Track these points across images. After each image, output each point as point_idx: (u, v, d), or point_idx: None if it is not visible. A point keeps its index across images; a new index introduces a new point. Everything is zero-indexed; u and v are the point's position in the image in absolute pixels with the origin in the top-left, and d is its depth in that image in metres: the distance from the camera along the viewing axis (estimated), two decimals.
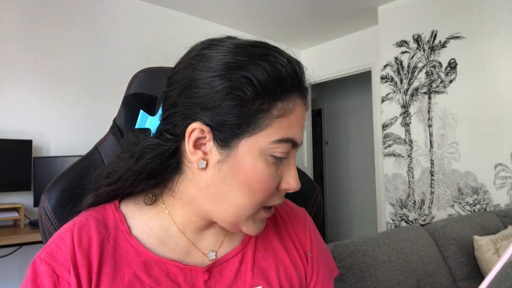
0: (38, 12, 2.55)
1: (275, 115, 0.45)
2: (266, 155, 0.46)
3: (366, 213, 4.45)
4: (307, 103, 0.51)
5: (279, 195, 0.50)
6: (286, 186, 0.49)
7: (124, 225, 0.52)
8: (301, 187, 0.75)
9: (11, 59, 2.44)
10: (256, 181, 0.47)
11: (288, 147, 0.47)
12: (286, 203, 0.64)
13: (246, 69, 0.44)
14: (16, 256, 2.32)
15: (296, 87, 0.47)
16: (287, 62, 0.46)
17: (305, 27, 3.61)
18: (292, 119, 0.47)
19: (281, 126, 0.46)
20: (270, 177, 0.47)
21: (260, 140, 0.46)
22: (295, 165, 0.50)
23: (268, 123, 0.45)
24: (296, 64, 0.48)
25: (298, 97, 0.48)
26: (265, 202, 0.49)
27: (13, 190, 2.34)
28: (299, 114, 0.48)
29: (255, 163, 0.46)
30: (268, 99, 0.45)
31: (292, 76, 0.46)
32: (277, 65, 0.45)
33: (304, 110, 0.49)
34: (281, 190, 0.50)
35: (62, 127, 2.61)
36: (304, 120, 0.49)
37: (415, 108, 2.88)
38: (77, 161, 0.67)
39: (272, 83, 0.44)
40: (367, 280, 1.23)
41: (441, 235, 1.63)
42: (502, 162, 2.42)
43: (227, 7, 3.16)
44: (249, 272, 0.53)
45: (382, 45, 3.11)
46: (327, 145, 5.11)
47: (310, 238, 0.59)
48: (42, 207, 0.62)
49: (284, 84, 0.45)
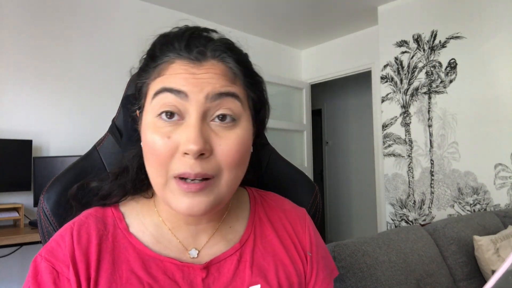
0: (38, 12, 2.55)
1: (151, 79, 0.49)
2: (152, 117, 0.47)
3: (366, 213, 4.46)
4: (204, 55, 0.48)
5: (184, 162, 0.45)
6: (183, 147, 0.44)
7: (123, 223, 0.53)
8: (299, 187, 0.76)
9: (11, 59, 2.44)
10: (148, 148, 0.47)
11: (169, 97, 0.46)
12: (285, 201, 0.63)
13: (145, 55, 0.52)
14: (16, 256, 2.32)
15: (175, 50, 0.48)
16: (174, 36, 0.50)
17: (305, 27, 3.61)
18: (168, 74, 0.47)
19: (157, 84, 0.48)
20: (157, 138, 0.46)
21: (146, 105, 0.49)
22: (195, 123, 0.45)
23: (148, 88, 0.49)
24: (186, 34, 0.49)
25: (174, 58, 0.48)
26: (166, 167, 0.46)
27: (13, 190, 2.34)
28: (177, 70, 0.47)
29: (146, 127, 0.48)
30: (146, 70, 0.50)
31: (165, 43, 0.49)
32: (155, 40, 0.51)
33: (186, 62, 0.47)
34: (182, 153, 0.45)
35: (62, 127, 2.61)
36: (194, 74, 0.46)
37: (415, 108, 2.88)
38: (76, 161, 0.67)
39: (148, 55, 0.51)
40: (367, 280, 1.23)
41: (441, 235, 1.63)
42: (502, 162, 2.42)
43: (227, 7, 3.16)
44: (248, 270, 0.52)
45: (382, 45, 3.11)
46: (327, 145, 5.11)
47: (310, 238, 0.59)
48: (41, 207, 0.62)
49: (156, 51, 0.50)
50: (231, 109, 0.47)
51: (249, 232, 0.56)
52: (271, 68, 3.91)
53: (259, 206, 0.60)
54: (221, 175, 0.47)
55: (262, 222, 0.58)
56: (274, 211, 0.60)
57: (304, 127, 4.05)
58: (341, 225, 4.84)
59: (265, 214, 0.60)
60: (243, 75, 0.50)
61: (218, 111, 0.47)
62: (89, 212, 0.53)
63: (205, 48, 0.48)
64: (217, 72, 0.47)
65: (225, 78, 0.48)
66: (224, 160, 0.47)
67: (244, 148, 0.49)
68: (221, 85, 0.47)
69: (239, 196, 0.60)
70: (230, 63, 0.49)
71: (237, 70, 0.50)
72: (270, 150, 0.77)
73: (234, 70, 0.49)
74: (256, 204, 0.60)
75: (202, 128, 0.45)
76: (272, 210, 0.60)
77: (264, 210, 0.60)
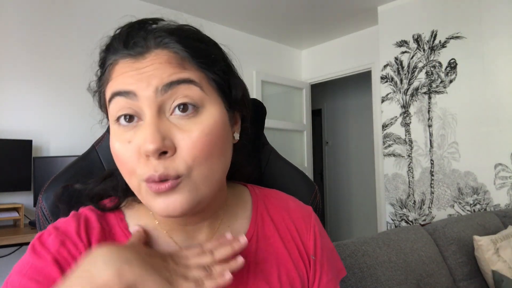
0: (39, 12, 2.55)
1: (104, 87, 0.47)
2: (112, 124, 0.46)
3: (366, 213, 4.46)
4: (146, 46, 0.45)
5: (147, 164, 0.42)
6: (141, 149, 0.42)
7: (124, 222, 0.52)
8: (299, 186, 0.74)
9: (11, 59, 2.44)
10: (113, 154, 0.46)
11: (121, 101, 0.43)
12: (290, 200, 0.60)
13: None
14: (16, 256, 2.32)
15: (116, 50, 0.46)
16: (118, 33, 0.47)
17: (305, 27, 3.61)
18: (114, 77, 0.45)
19: (108, 91, 0.46)
20: (119, 145, 0.44)
21: (109, 115, 0.47)
22: (150, 121, 0.42)
23: (105, 97, 0.47)
24: (124, 30, 0.47)
25: (119, 58, 0.45)
26: (133, 173, 0.43)
27: (13, 190, 2.34)
28: (121, 69, 0.44)
29: (111, 137, 0.46)
30: (98, 79, 0.49)
31: (107, 47, 0.47)
32: (101, 47, 0.49)
33: (128, 60, 0.44)
34: (145, 156, 0.42)
35: (62, 127, 2.61)
36: (140, 69, 0.43)
37: (415, 108, 2.88)
38: (75, 160, 0.67)
39: (99, 62, 0.49)
40: (367, 280, 1.23)
41: (441, 235, 1.63)
42: (502, 162, 2.42)
43: (227, 7, 3.16)
44: (250, 274, 0.51)
45: (382, 45, 3.11)
46: (327, 145, 5.11)
47: (315, 239, 0.56)
48: (40, 207, 0.62)
49: (101, 59, 0.48)
50: (188, 96, 0.43)
51: (252, 233, 0.54)
52: (271, 68, 3.91)
53: (262, 205, 0.58)
54: (191, 171, 0.43)
55: (265, 222, 0.56)
56: (277, 210, 0.58)
57: (304, 127, 4.05)
58: (341, 225, 4.84)
59: (268, 213, 0.57)
60: (192, 56, 0.45)
61: (175, 101, 0.43)
62: (91, 208, 0.52)
63: (145, 39, 0.45)
64: (162, 61, 0.43)
65: (172, 65, 0.43)
66: (191, 156, 0.42)
67: (214, 138, 0.44)
68: (168, 73, 0.43)
69: (238, 193, 0.58)
70: (174, 47, 0.44)
71: (184, 53, 0.44)
72: (269, 150, 0.76)
73: (180, 54, 0.44)
74: (259, 203, 0.58)
75: (159, 125, 0.42)
76: (275, 209, 0.58)
77: (266, 209, 0.57)
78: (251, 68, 3.65)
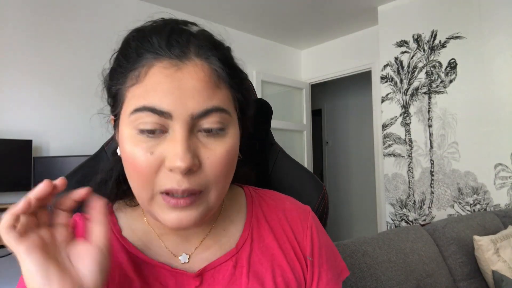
0: (39, 12, 2.55)
1: (128, 85, 0.43)
2: (131, 130, 0.43)
3: (366, 213, 4.46)
4: (188, 59, 0.43)
5: (170, 177, 0.42)
6: (169, 164, 0.41)
7: (117, 226, 0.52)
8: (306, 186, 0.73)
9: (11, 59, 2.44)
10: (127, 163, 0.44)
11: (152, 117, 0.41)
12: (287, 200, 0.59)
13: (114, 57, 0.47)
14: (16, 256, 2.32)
15: (153, 50, 0.42)
16: (151, 33, 0.44)
17: (305, 27, 3.61)
18: (148, 85, 0.42)
19: (135, 94, 0.42)
20: (137, 154, 0.42)
21: (123, 116, 0.44)
22: (181, 138, 0.41)
23: (125, 95, 0.44)
24: (163, 31, 0.44)
25: (153, 59, 0.42)
26: (150, 184, 0.43)
27: (13, 190, 2.34)
28: (158, 78, 0.42)
29: (125, 140, 0.44)
30: (120, 72, 0.44)
31: (142, 39, 0.44)
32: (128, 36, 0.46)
33: (167, 64, 0.42)
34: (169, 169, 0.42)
35: (62, 127, 2.61)
36: (177, 82, 0.41)
37: (415, 108, 2.88)
38: (85, 161, 0.67)
39: (125, 56, 0.44)
40: (367, 280, 1.23)
41: (441, 235, 1.63)
42: (502, 162, 2.42)
43: (227, 7, 3.16)
44: (244, 277, 0.50)
45: (382, 45, 3.11)
46: (327, 145, 5.12)
47: (312, 240, 0.55)
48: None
49: (132, 51, 0.44)
50: (218, 122, 0.44)
51: (246, 236, 0.53)
52: (271, 68, 3.91)
53: (257, 207, 0.57)
54: (209, 187, 0.44)
55: (260, 224, 0.55)
56: (273, 212, 0.57)
57: (304, 127, 4.05)
58: (341, 225, 4.84)
59: (263, 215, 0.56)
60: (228, 76, 0.45)
61: (205, 124, 0.43)
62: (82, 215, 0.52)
63: (188, 45, 0.43)
64: (201, 76, 0.43)
65: (209, 85, 0.43)
66: (213, 173, 0.44)
67: (232, 157, 0.46)
68: (205, 97, 0.42)
69: (234, 196, 0.57)
70: (214, 64, 0.44)
71: (222, 72, 0.45)
72: (277, 149, 0.75)
73: (218, 71, 0.44)
74: (254, 205, 0.57)
75: (189, 141, 0.42)
76: (271, 211, 0.57)
77: (262, 211, 0.56)
78: (251, 68, 3.65)
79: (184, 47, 0.43)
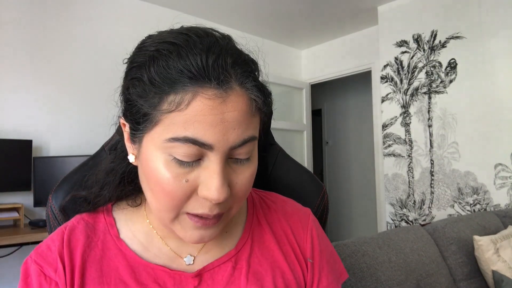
0: (38, 12, 2.55)
1: (165, 109, 0.40)
2: (166, 155, 0.41)
3: (366, 213, 4.46)
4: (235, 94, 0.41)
5: (202, 203, 0.43)
6: (204, 193, 0.41)
7: (114, 229, 0.52)
8: (306, 187, 0.73)
9: (11, 59, 2.44)
10: (155, 183, 0.43)
11: (192, 148, 0.40)
12: (288, 202, 0.59)
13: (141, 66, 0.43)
14: (16, 256, 2.32)
15: (196, 76, 0.40)
16: (188, 51, 0.41)
17: (305, 27, 3.61)
18: (190, 114, 0.39)
19: (174, 122, 0.40)
20: (172, 180, 0.41)
21: (155, 137, 0.42)
22: (219, 171, 0.41)
23: (159, 118, 0.41)
24: (203, 53, 0.41)
25: (199, 88, 0.39)
26: (179, 207, 0.43)
27: (13, 190, 2.34)
28: (202, 109, 0.39)
29: (153, 162, 0.42)
30: (154, 92, 0.41)
31: (179, 58, 0.40)
32: (170, 57, 0.41)
33: (212, 96, 0.40)
34: (203, 197, 0.42)
35: (62, 127, 2.61)
36: (220, 115, 0.40)
37: (415, 108, 2.88)
38: (85, 161, 0.67)
39: (160, 75, 0.41)
40: (367, 280, 1.23)
41: (441, 235, 1.63)
42: (502, 162, 2.42)
43: (227, 7, 3.16)
44: (243, 278, 0.50)
45: (382, 45, 3.11)
46: (327, 145, 5.11)
47: (312, 242, 0.55)
48: (49, 207, 0.62)
49: (168, 71, 0.40)
50: (250, 152, 0.44)
51: (246, 237, 0.54)
52: (271, 68, 3.90)
53: (258, 209, 0.57)
54: (233, 206, 0.47)
55: (261, 226, 0.55)
56: (274, 214, 0.57)
57: (304, 127, 4.05)
58: (341, 225, 4.84)
59: (264, 217, 0.56)
60: (263, 103, 0.45)
61: (238, 155, 0.43)
62: (81, 217, 0.53)
63: (229, 70, 0.41)
64: (243, 108, 0.42)
65: (249, 116, 0.42)
66: (240, 196, 0.45)
67: (254, 177, 0.47)
68: (244, 128, 0.42)
69: None
70: (254, 94, 0.43)
71: (259, 100, 0.44)
72: (277, 149, 0.75)
73: (257, 101, 0.44)
74: (255, 207, 0.57)
75: (224, 172, 0.42)
76: (271, 213, 0.57)
77: (263, 213, 0.57)
78: None
79: (228, 76, 0.41)
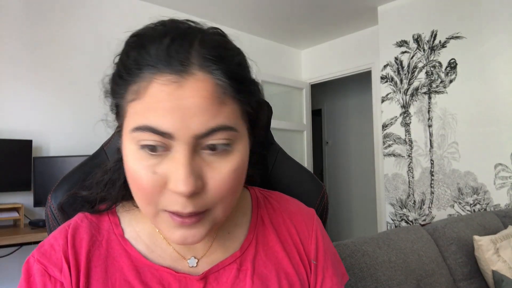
0: (38, 12, 2.55)
1: (130, 99, 0.41)
2: (134, 146, 0.41)
3: (366, 213, 4.46)
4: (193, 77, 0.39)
5: (176, 199, 0.40)
6: (171, 186, 0.40)
7: (119, 229, 0.51)
8: (306, 186, 0.73)
9: (11, 59, 2.44)
10: (129, 176, 0.43)
11: (154, 136, 0.39)
12: (292, 202, 0.59)
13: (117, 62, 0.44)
14: (16, 256, 2.32)
15: (152, 63, 0.39)
16: (149, 40, 0.41)
17: (305, 27, 3.61)
18: (148, 102, 0.39)
19: (137, 111, 0.40)
20: (140, 172, 0.41)
21: (125, 129, 0.42)
22: (184, 161, 0.39)
23: (126, 109, 0.42)
24: (162, 38, 0.40)
25: (153, 74, 0.39)
26: (154, 202, 0.41)
27: (13, 190, 2.34)
28: (157, 95, 0.38)
29: (126, 156, 0.43)
30: (121, 83, 0.41)
31: (140, 49, 0.40)
32: (133, 47, 0.42)
33: (167, 81, 0.38)
34: (172, 192, 0.40)
35: (62, 127, 2.61)
36: (177, 101, 0.38)
37: (415, 108, 2.88)
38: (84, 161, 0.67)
39: (125, 67, 0.41)
40: (367, 280, 1.23)
41: (441, 235, 1.63)
42: (502, 162, 2.42)
43: (227, 7, 3.16)
44: (248, 279, 0.49)
45: (382, 45, 3.11)
46: (327, 145, 5.12)
47: (317, 244, 0.54)
48: (49, 206, 0.62)
49: (131, 62, 0.40)
50: (223, 139, 0.41)
51: (251, 239, 0.53)
52: (271, 68, 3.91)
53: (263, 209, 0.56)
54: (216, 206, 0.43)
55: (265, 226, 0.54)
56: (278, 214, 0.56)
57: (304, 127, 4.05)
58: (341, 225, 4.84)
59: (269, 217, 0.55)
60: (235, 90, 0.42)
61: (209, 142, 0.40)
62: (84, 215, 0.52)
63: (189, 56, 0.40)
64: (204, 93, 0.39)
65: (214, 102, 0.40)
66: (219, 193, 0.42)
67: (240, 174, 0.44)
68: (209, 116, 0.39)
69: (240, 199, 0.56)
70: (219, 78, 0.40)
71: (228, 86, 0.41)
72: (277, 149, 0.75)
73: (224, 86, 0.41)
74: (259, 207, 0.56)
75: (192, 165, 0.40)
76: (276, 213, 0.56)
77: (267, 213, 0.56)
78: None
79: (185, 59, 0.39)
